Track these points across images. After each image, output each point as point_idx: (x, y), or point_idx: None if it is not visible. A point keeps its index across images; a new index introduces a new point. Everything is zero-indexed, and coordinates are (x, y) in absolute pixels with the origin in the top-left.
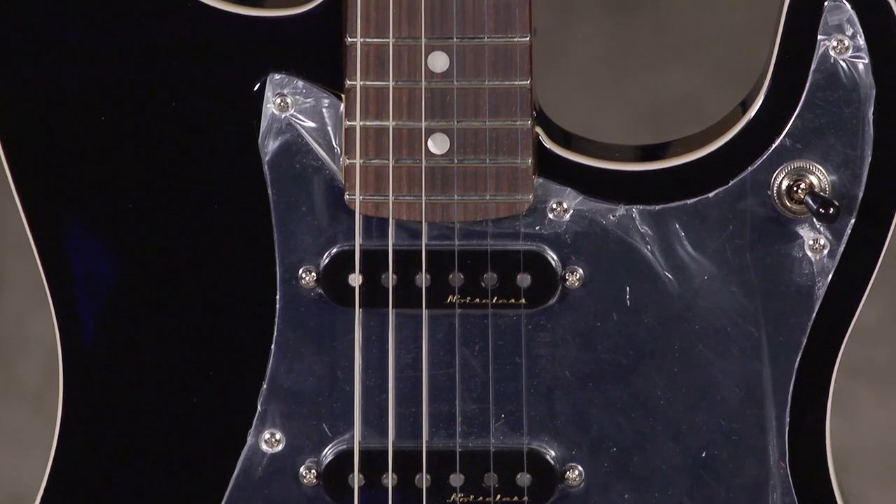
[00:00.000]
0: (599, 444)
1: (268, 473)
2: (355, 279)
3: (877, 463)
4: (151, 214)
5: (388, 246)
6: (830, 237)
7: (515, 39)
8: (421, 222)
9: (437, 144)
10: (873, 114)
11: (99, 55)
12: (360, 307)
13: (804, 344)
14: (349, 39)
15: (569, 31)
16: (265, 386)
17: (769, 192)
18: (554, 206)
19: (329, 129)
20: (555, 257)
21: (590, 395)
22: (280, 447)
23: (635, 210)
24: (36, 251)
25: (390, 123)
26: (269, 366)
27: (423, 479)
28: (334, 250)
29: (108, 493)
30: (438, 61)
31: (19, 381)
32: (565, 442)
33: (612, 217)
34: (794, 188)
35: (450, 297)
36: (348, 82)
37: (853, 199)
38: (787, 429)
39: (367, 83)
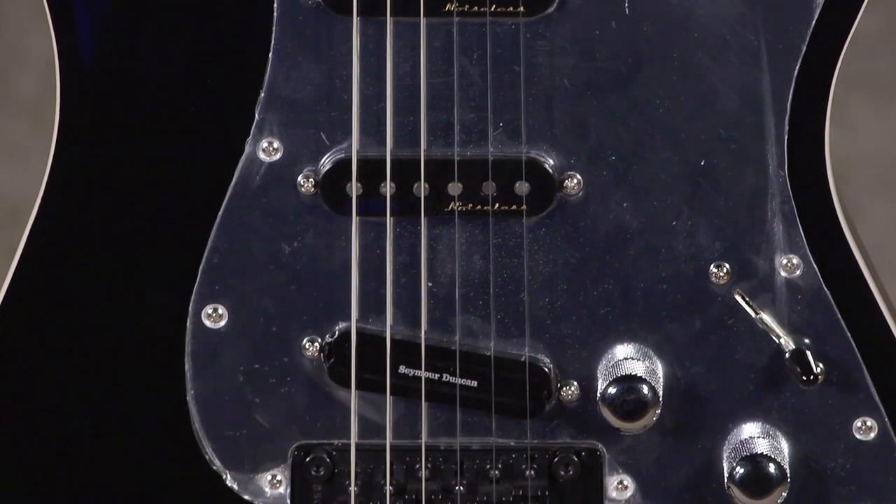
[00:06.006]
0: (598, 152)
1: (265, 182)
2: None
3: (876, 173)
4: None
5: None
6: None
7: None
8: None
9: None
10: None
11: None
12: (357, 15)
13: (803, 52)
14: None
15: None
16: (263, 95)
17: None
18: None
19: None
20: None
21: (588, 103)
22: (278, 156)
23: None
24: None
25: None
26: (267, 75)
27: (422, 188)
28: None
29: (102, 205)
30: None
31: (17, 95)
32: (564, 151)
33: None
34: None
35: (447, 6)
36: None
37: None
38: (785, 137)
39: None
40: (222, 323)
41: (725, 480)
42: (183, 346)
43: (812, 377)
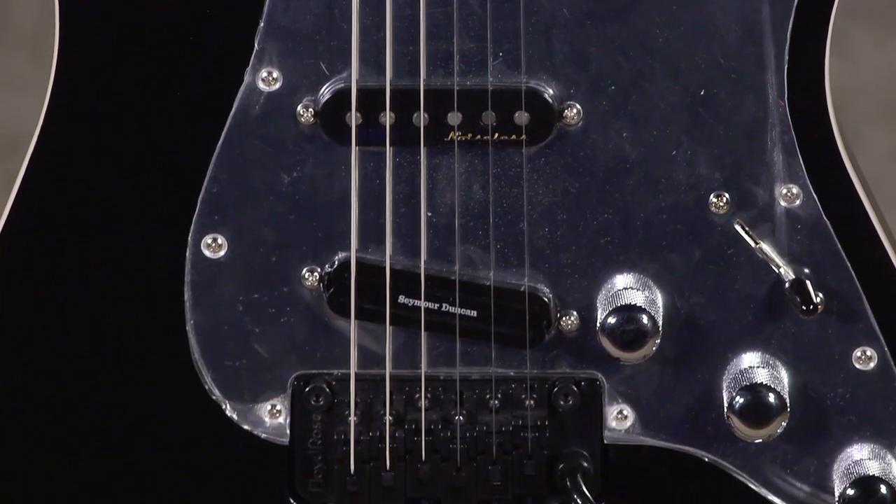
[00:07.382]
0: (598, 82)
1: (265, 112)
2: None
3: (875, 103)
4: None
5: None
6: None
7: None
8: None
9: None
10: None
11: None
12: None
13: None
14: None
15: None
16: (262, 24)
17: None
18: None
19: None
20: None
21: (588, 33)
22: (277, 86)
23: None
24: None
25: None
26: (266, 4)
27: (421, 118)
28: None
29: (100, 135)
30: None
31: (16, 25)
32: (563, 80)
33: None
34: None
35: None
36: None
37: None
38: (785, 66)
39: None
40: (222, 253)
41: (725, 410)
42: (182, 275)
43: (812, 307)
